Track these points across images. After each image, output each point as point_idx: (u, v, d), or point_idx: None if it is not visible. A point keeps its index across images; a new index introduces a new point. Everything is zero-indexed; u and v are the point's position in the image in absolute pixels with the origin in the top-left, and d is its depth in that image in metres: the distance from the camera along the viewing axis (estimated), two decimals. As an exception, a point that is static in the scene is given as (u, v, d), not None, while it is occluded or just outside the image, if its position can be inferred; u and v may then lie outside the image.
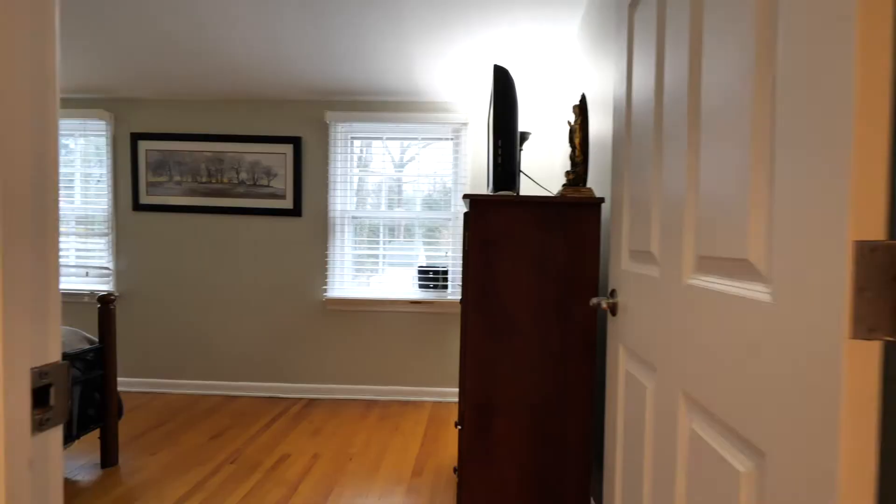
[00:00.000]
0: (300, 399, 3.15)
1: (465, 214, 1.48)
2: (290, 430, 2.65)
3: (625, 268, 1.00)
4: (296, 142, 3.14)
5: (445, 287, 3.12)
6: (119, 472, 2.20)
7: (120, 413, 2.32)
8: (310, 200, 3.18)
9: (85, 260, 3.33)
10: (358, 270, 3.25)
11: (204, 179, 3.20)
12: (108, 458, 2.23)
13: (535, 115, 3.02)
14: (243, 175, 3.18)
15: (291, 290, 3.20)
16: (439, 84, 2.87)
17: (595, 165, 1.83)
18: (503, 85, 1.42)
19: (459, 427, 1.53)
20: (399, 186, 3.25)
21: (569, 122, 1.44)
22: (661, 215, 0.82)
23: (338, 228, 3.18)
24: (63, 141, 3.39)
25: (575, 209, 1.39)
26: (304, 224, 3.18)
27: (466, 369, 1.43)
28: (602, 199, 1.38)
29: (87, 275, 3.32)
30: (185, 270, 3.25)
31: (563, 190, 1.41)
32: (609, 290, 1.09)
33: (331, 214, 3.15)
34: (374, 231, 3.24)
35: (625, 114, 1.02)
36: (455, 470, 1.53)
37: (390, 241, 3.23)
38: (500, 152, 1.41)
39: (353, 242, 3.23)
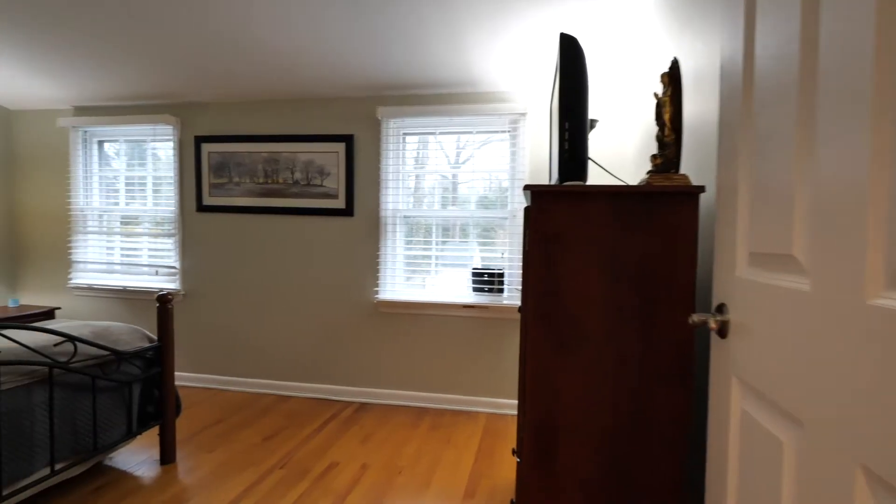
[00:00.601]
0: (351, 403, 3.09)
1: (526, 209, 1.28)
2: (341, 436, 2.58)
3: (742, 275, 0.77)
4: (348, 140, 3.08)
5: (501, 291, 2.93)
6: (176, 469, 2.22)
7: (178, 410, 2.35)
8: (362, 200, 3.11)
9: (156, 259, 3.48)
10: (410, 272, 3.14)
11: (261, 180, 3.23)
12: (167, 455, 2.26)
13: (601, 100, 2.75)
14: (297, 175, 3.17)
15: (343, 291, 3.15)
16: (496, 72, 2.68)
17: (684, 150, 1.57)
18: (571, 56, 1.21)
19: (518, 459, 1.34)
20: (453, 184, 3.10)
21: (655, 95, 1.20)
22: (814, 208, 0.60)
23: (389, 228, 3.09)
24: (135, 146, 3.56)
25: (663, 200, 1.14)
26: (355, 224, 3.12)
27: (526, 384, 1.24)
28: (702, 188, 1.14)
29: (157, 273, 3.47)
30: (242, 270, 3.30)
31: (648, 177, 1.18)
32: (715, 303, 0.86)
33: (382, 214, 3.06)
34: (426, 231, 3.11)
35: (741, 80, 0.79)
36: (512, 503, 1.34)
37: (443, 242, 3.09)
38: (566, 136, 1.21)
39: (404, 243, 3.12)
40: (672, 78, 1.14)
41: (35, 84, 3.18)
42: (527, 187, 1.18)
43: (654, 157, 1.20)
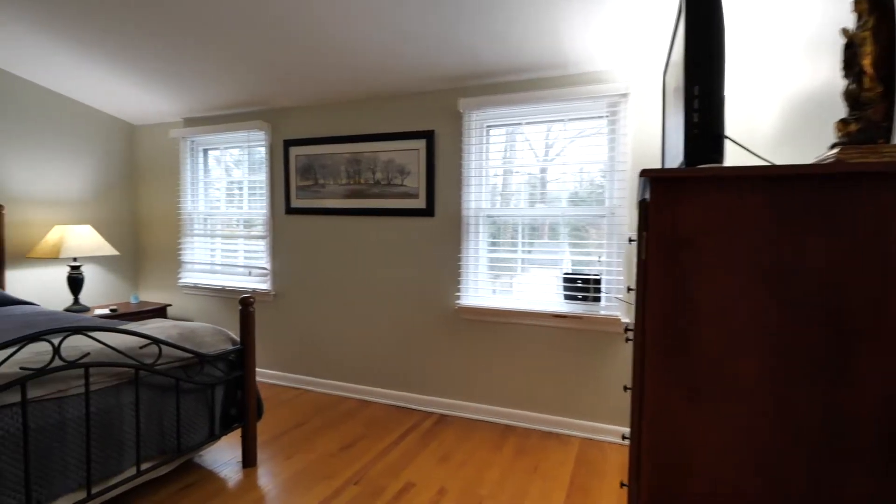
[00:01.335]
0: (431, 414, 2.92)
1: (641, 204, 0.96)
2: (419, 452, 2.41)
3: None
4: (428, 136, 2.91)
5: (597, 299, 2.56)
6: (256, 473, 2.21)
7: (259, 413, 2.34)
8: (443, 199, 2.92)
9: (250, 260, 3.62)
10: (494, 276, 2.89)
11: (343, 181, 3.19)
12: (248, 458, 2.26)
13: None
14: (378, 175, 3.08)
15: (423, 295, 2.99)
16: (593, 49, 2.34)
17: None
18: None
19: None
20: (541, 180, 2.79)
21: (844, 32, 0.83)
22: None
23: (471, 229, 2.87)
24: (232, 151, 3.74)
25: (864, 185, 0.76)
26: (436, 224, 2.94)
27: (642, 437, 0.94)
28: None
29: (250, 274, 3.60)
30: (326, 271, 3.29)
31: (836, 153, 0.81)
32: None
33: (464, 213, 2.85)
34: (512, 231, 2.84)
35: None
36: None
37: (531, 243, 2.79)
38: (695, 106, 0.89)
39: (488, 245, 2.88)
40: (875, 2, 0.76)
41: (153, 100, 3.45)
42: (645, 173, 0.87)
43: (843, 122, 0.81)
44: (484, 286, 2.87)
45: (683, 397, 0.86)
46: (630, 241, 1.22)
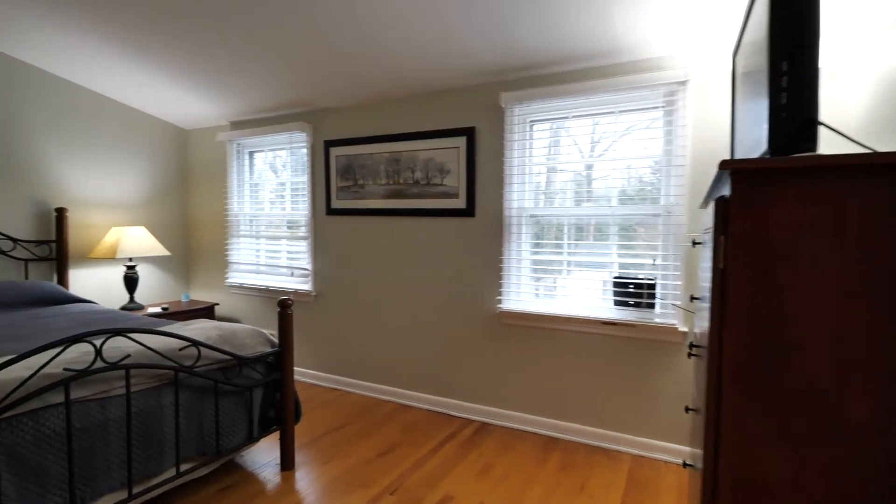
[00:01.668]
0: (472, 421, 2.82)
1: (719, 202, 0.81)
2: (458, 462, 2.32)
3: None
4: (469, 133, 2.81)
5: (651, 306, 2.37)
6: (293, 477, 2.19)
7: (297, 416, 2.32)
8: (483, 198, 2.81)
9: (292, 261, 3.66)
10: (537, 279, 2.75)
11: (383, 181, 3.14)
12: (286, 461, 2.25)
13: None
14: (418, 174, 3.01)
15: (463, 298, 2.89)
16: (648, 34, 2.15)
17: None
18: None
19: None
20: (587, 177, 2.62)
21: None
22: None
23: (514, 229, 2.74)
24: (276, 154, 3.79)
25: None
26: (476, 225, 2.84)
27: (720, 480, 0.79)
28: None
29: (292, 274, 3.63)
30: (365, 272, 3.26)
31: None
32: None
33: (506, 213, 2.73)
34: (557, 232, 2.69)
35: None
36: None
37: (576, 244, 2.63)
38: (784, 84, 0.73)
39: (531, 246, 2.74)
40: None
41: (202, 104, 3.54)
42: (725, 164, 0.72)
43: None
44: (527, 289, 2.73)
45: (773, 433, 0.71)
46: (694, 243, 1.07)
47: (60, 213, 3.26)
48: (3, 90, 3.02)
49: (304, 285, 3.54)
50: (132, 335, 1.65)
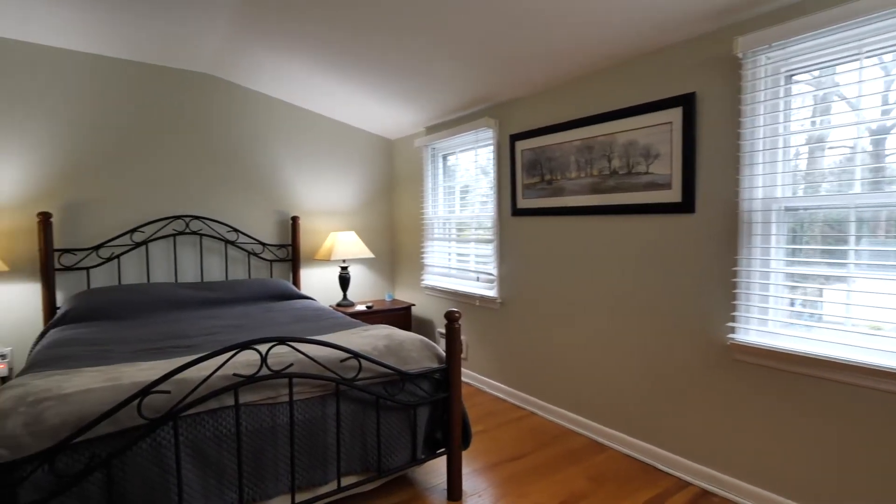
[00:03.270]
0: (687, 484, 2.12)
1: None
2: (662, 544, 1.72)
3: None
4: (686, 102, 2.11)
5: None
6: (459, 510, 1.97)
7: (466, 442, 2.10)
8: (708, 187, 2.08)
9: (479, 265, 3.50)
10: (792, 300, 1.88)
11: (573, 175, 2.68)
12: (452, 490, 2.04)
13: None
14: (615, 163, 2.44)
15: (679, 320, 2.21)
16: None
17: None
18: None
19: None
20: (879, 150, 1.65)
21: None
22: None
23: (756, 228, 1.93)
24: (464, 154, 3.69)
25: None
26: (697, 223, 2.12)
27: None
28: None
29: (477, 279, 3.48)
30: (552, 280, 2.84)
31: None
32: None
33: (745, 206, 1.95)
34: (822, 231, 1.77)
35: None
36: None
37: (856, 251, 1.68)
38: None
39: (785, 252, 1.88)
40: None
41: (402, 114, 3.71)
42: None
43: None
44: (776, 315, 1.90)
45: None
46: None
47: (294, 220, 3.83)
48: (255, 121, 3.70)
49: (490, 291, 3.34)
50: (294, 344, 1.66)
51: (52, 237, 2.94)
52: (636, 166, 2.35)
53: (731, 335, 1.99)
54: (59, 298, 3.02)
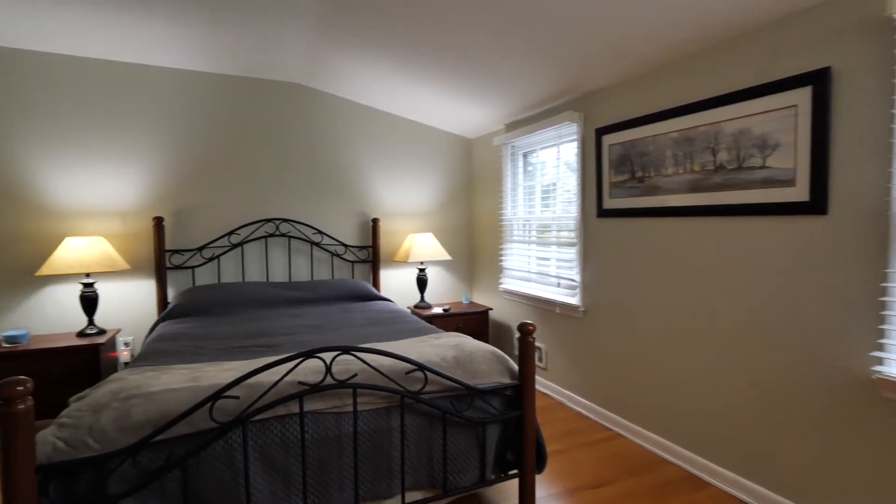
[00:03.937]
0: (814, 545, 1.76)
1: None
2: None
3: None
4: (817, 79, 1.74)
5: None
6: (532, 539, 1.81)
7: (541, 465, 1.93)
8: (843, 183, 1.70)
9: (561, 270, 3.28)
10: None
11: (669, 171, 2.37)
12: (525, 516, 1.89)
13: None
14: (722, 156, 2.11)
15: (803, 346, 1.84)
16: None
17: None
18: None
19: None
20: None
21: None
22: None
23: (917, 236, 1.53)
24: (546, 151, 3.47)
25: None
26: (830, 227, 1.74)
27: None
28: None
29: (559, 285, 3.25)
30: (645, 290, 2.55)
31: None
32: None
33: (898, 207, 1.55)
34: None
35: None
36: None
37: None
38: None
39: (963, 267, 1.47)
40: None
41: (482, 111, 3.60)
42: None
43: None
44: (948, 345, 1.49)
45: None
46: None
47: (375, 222, 3.89)
48: (337, 126, 3.80)
49: (572, 298, 3.10)
50: (359, 354, 1.62)
51: (164, 239, 3.25)
52: (749, 159, 2.00)
53: (876, 367, 1.60)
54: (170, 294, 3.34)
